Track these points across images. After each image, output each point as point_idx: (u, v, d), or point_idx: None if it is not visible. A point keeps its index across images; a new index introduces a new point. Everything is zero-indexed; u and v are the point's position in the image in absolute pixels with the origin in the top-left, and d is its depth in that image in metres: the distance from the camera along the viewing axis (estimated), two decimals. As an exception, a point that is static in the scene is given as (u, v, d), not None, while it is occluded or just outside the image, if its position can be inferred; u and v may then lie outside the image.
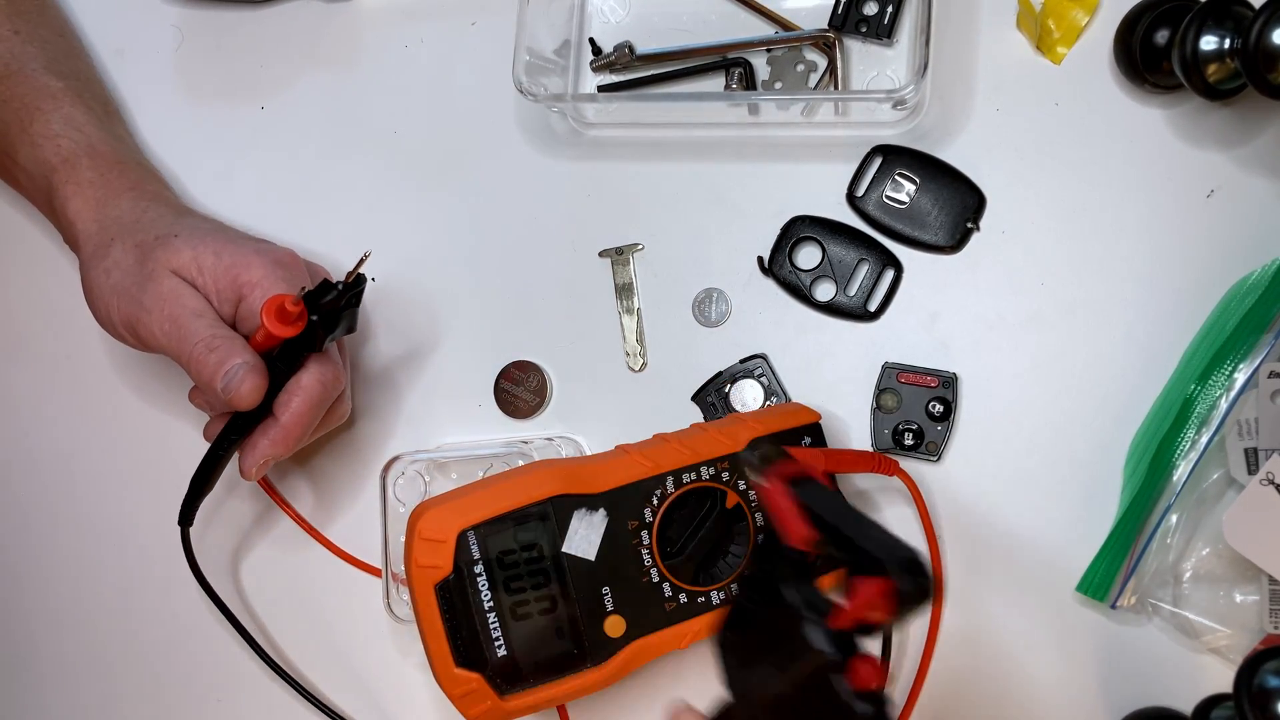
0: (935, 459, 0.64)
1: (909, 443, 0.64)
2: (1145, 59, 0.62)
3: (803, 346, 0.67)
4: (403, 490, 0.66)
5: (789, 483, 0.48)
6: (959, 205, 0.66)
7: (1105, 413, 0.63)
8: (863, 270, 0.66)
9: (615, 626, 0.57)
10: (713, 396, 0.67)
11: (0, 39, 0.69)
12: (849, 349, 0.66)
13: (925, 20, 0.62)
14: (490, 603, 0.56)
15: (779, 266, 0.67)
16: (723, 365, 0.67)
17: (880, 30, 0.66)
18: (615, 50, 0.69)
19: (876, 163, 0.67)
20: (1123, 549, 0.60)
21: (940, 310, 0.66)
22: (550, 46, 0.69)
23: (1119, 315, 0.64)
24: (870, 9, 0.67)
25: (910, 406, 0.65)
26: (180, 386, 0.68)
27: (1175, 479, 0.60)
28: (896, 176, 0.66)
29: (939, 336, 0.65)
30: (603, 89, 0.70)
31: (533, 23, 0.66)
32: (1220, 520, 0.58)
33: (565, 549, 0.57)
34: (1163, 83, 0.63)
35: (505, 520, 0.56)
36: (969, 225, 0.66)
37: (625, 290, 0.69)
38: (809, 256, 0.67)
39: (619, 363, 0.69)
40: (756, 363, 0.67)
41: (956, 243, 0.66)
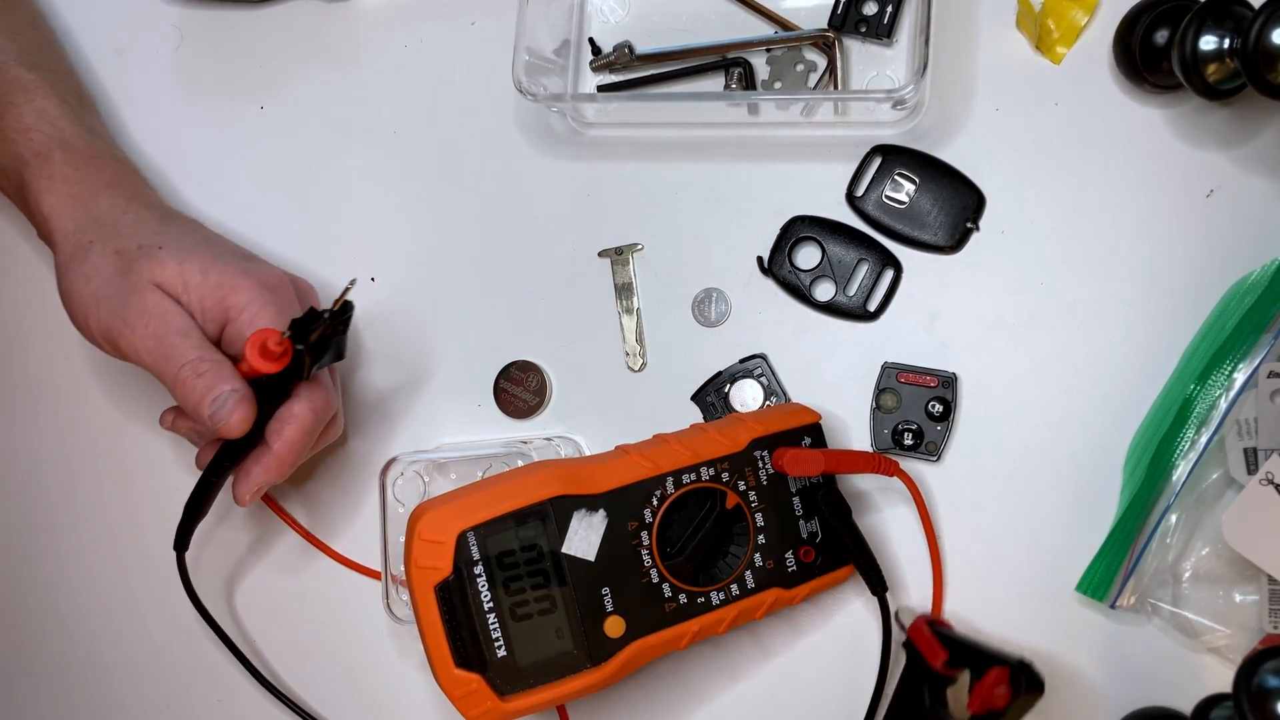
0: (935, 459, 0.64)
1: (909, 443, 0.64)
2: (1145, 59, 0.62)
3: (802, 346, 0.67)
4: (402, 490, 0.66)
5: (927, 624, 0.59)
6: (958, 205, 0.66)
7: (1105, 413, 0.63)
8: (862, 270, 0.66)
9: (615, 627, 0.57)
10: (712, 396, 0.67)
11: None
12: (849, 349, 0.66)
13: (925, 20, 0.62)
14: (490, 603, 0.56)
15: (779, 266, 0.67)
16: (722, 365, 0.67)
17: (880, 30, 0.66)
18: (615, 50, 0.69)
19: (876, 163, 0.67)
20: (1122, 549, 0.60)
21: (940, 310, 0.66)
22: (550, 46, 0.69)
23: (1119, 315, 0.64)
24: (870, 9, 0.67)
25: (910, 406, 0.65)
26: (163, 403, 0.67)
27: (1175, 479, 0.60)
28: (896, 176, 0.66)
29: (939, 336, 0.65)
30: (602, 89, 0.70)
31: (532, 23, 0.66)
32: (1220, 520, 0.58)
33: (565, 550, 0.57)
34: (1162, 83, 0.63)
35: (505, 521, 0.56)
36: (969, 225, 0.66)
37: (625, 290, 0.69)
38: (809, 256, 0.67)
39: (619, 363, 0.69)
40: (756, 363, 0.67)
41: (956, 243, 0.66)
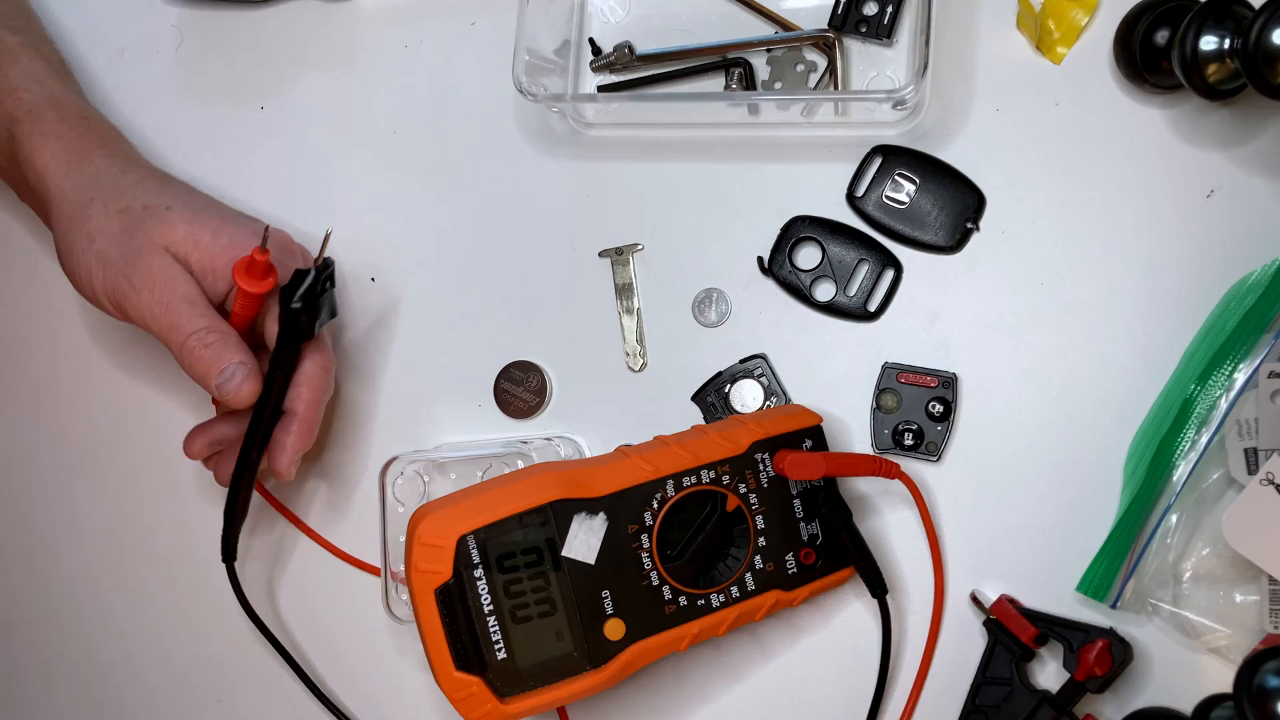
0: (935, 459, 0.64)
1: (909, 443, 0.64)
2: (1145, 59, 0.62)
3: (803, 346, 0.67)
4: (402, 490, 0.66)
5: (1009, 602, 0.61)
6: (959, 205, 0.66)
7: (1105, 413, 0.63)
8: (863, 270, 0.66)
9: (615, 629, 0.57)
10: (712, 397, 0.67)
11: None
12: (849, 349, 0.66)
13: (925, 20, 0.62)
14: (490, 607, 0.56)
15: (779, 266, 0.67)
16: (723, 365, 0.67)
17: (880, 30, 0.66)
18: (615, 50, 0.69)
19: (876, 163, 0.67)
20: (1123, 549, 0.60)
21: (940, 310, 0.66)
22: (550, 46, 0.69)
23: (1119, 315, 0.64)
24: (870, 9, 0.67)
25: (910, 406, 0.65)
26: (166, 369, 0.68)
27: (1175, 479, 0.60)
28: (896, 176, 0.66)
29: (939, 336, 0.65)
30: (602, 89, 0.70)
31: (533, 23, 0.66)
32: (1220, 520, 0.58)
33: (565, 553, 0.57)
34: (1163, 83, 0.63)
35: (505, 525, 0.56)
36: (969, 225, 0.66)
37: (625, 290, 0.69)
38: (809, 256, 0.67)
39: (619, 363, 0.69)
40: (756, 363, 0.67)
41: (956, 243, 0.66)
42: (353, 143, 0.73)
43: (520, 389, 0.69)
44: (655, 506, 0.59)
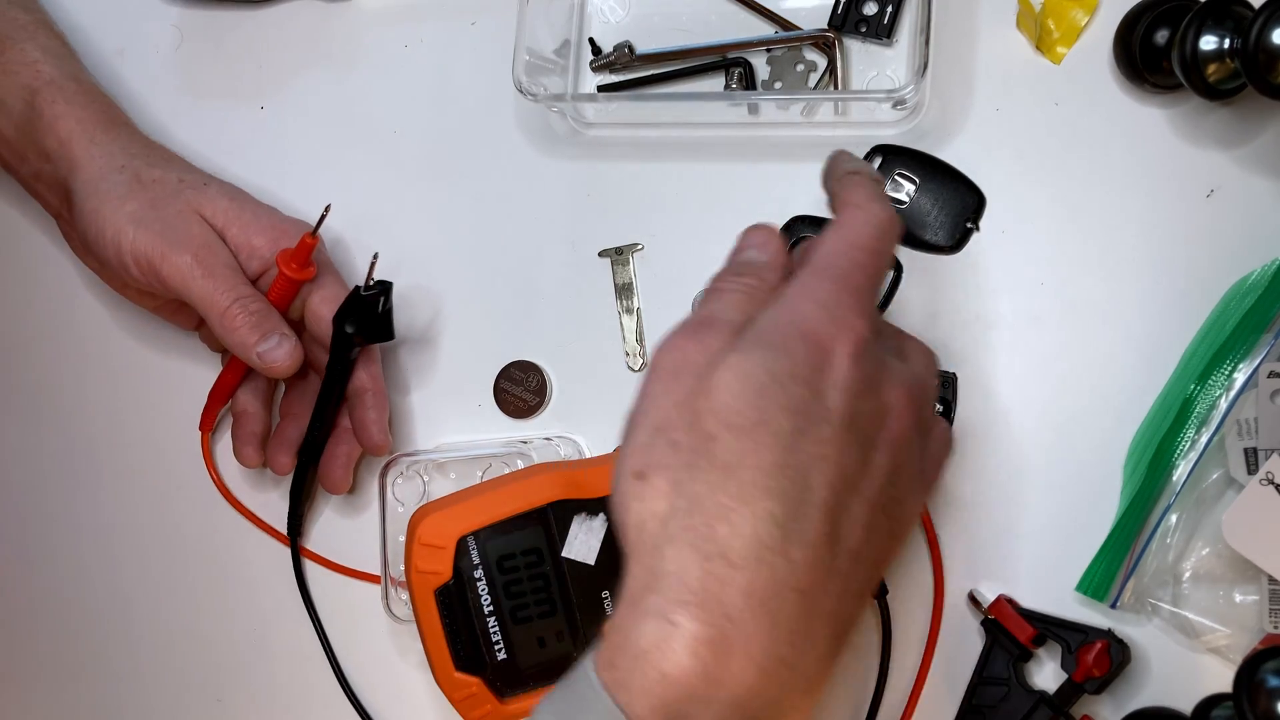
0: (935, 459, 0.64)
1: (909, 443, 0.64)
2: (1145, 59, 0.62)
3: (803, 346, 0.67)
4: (402, 491, 0.66)
5: (1008, 602, 0.61)
6: (959, 205, 0.66)
7: (1105, 413, 0.63)
8: (863, 270, 0.66)
9: None
10: (713, 396, 0.67)
11: None
12: (849, 349, 0.66)
13: (925, 20, 0.62)
14: (490, 607, 0.56)
15: (779, 266, 0.67)
16: (723, 365, 0.67)
17: (880, 30, 0.66)
18: (615, 50, 0.69)
19: (876, 162, 0.66)
20: (1122, 549, 0.60)
21: (940, 310, 0.66)
22: (550, 46, 0.69)
23: (1119, 315, 0.64)
24: (870, 9, 0.67)
25: (910, 406, 0.64)
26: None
27: (1175, 479, 0.60)
28: (896, 176, 0.66)
29: (939, 336, 0.65)
30: (603, 89, 0.70)
31: (533, 23, 0.66)
32: (1220, 520, 0.58)
33: (565, 554, 0.57)
34: (1163, 83, 0.63)
35: (505, 526, 0.56)
36: (969, 225, 0.65)
37: (625, 290, 0.69)
38: (809, 256, 0.67)
39: (619, 363, 0.69)
40: (756, 363, 0.67)
41: (956, 243, 0.66)
42: (353, 143, 0.73)
43: (520, 389, 0.69)
44: None
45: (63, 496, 0.75)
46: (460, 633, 0.56)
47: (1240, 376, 0.59)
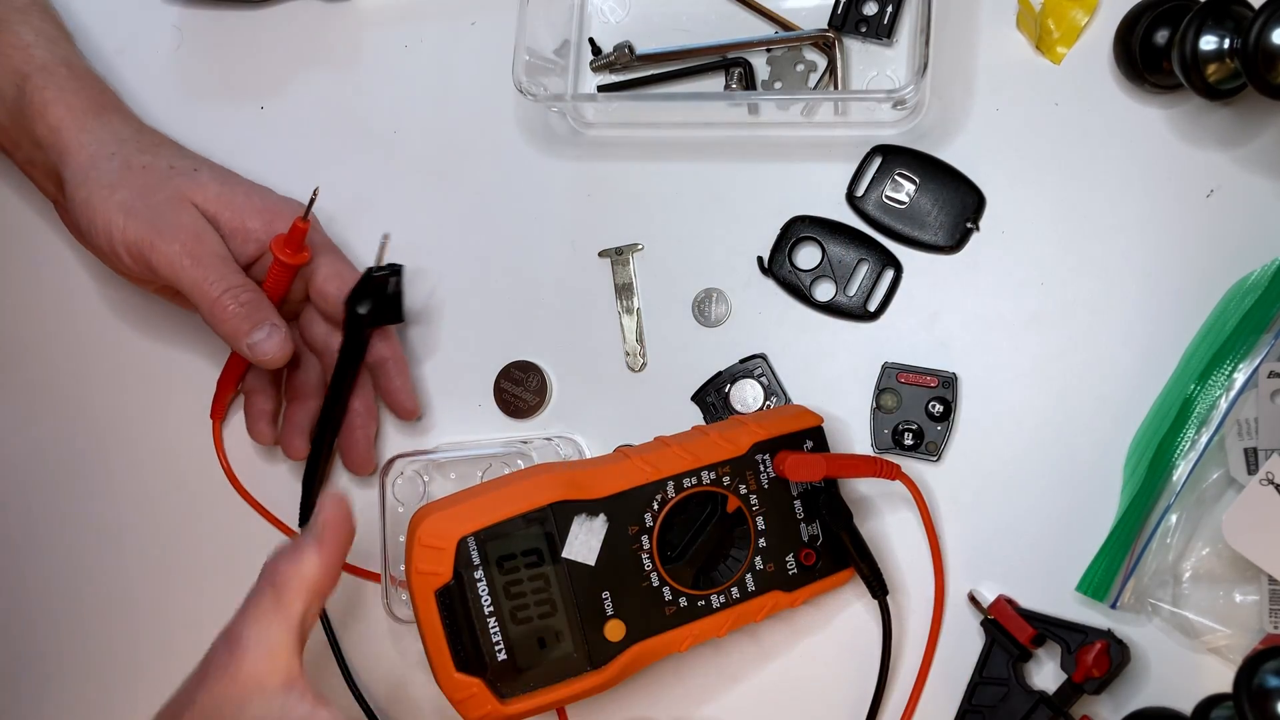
0: (935, 459, 0.64)
1: (909, 443, 0.64)
2: (1145, 59, 0.62)
3: (803, 346, 0.67)
4: (402, 491, 0.66)
5: (1007, 602, 0.62)
6: (959, 205, 0.66)
7: (1105, 413, 0.63)
8: (862, 270, 0.66)
9: (615, 630, 0.57)
10: (712, 397, 0.67)
11: None
12: (849, 349, 0.66)
13: (925, 20, 0.62)
14: (490, 608, 0.56)
15: (779, 266, 0.67)
16: (722, 365, 0.67)
17: (880, 30, 0.66)
18: (615, 50, 0.69)
19: (876, 163, 0.67)
20: (1123, 549, 0.60)
21: (940, 310, 0.66)
22: (550, 46, 0.69)
23: (1119, 315, 0.64)
24: (870, 9, 0.67)
25: (910, 406, 0.65)
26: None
27: (1175, 479, 0.60)
28: (896, 176, 0.66)
29: (939, 336, 0.65)
30: (603, 89, 0.70)
31: (533, 23, 0.66)
32: (1220, 520, 0.58)
33: (565, 554, 0.57)
34: (1163, 83, 0.63)
35: (505, 526, 0.56)
36: (969, 225, 0.66)
37: (625, 290, 0.69)
38: (809, 256, 0.67)
39: (619, 363, 0.69)
40: (756, 363, 0.67)
41: (956, 243, 0.66)
42: (353, 143, 0.73)
43: (520, 389, 0.69)
44: (655, 508, 0.59)
45: (67, 487, 0.74)
46: (461, 633, 0.56)
47: (1240, 376, 0.59)
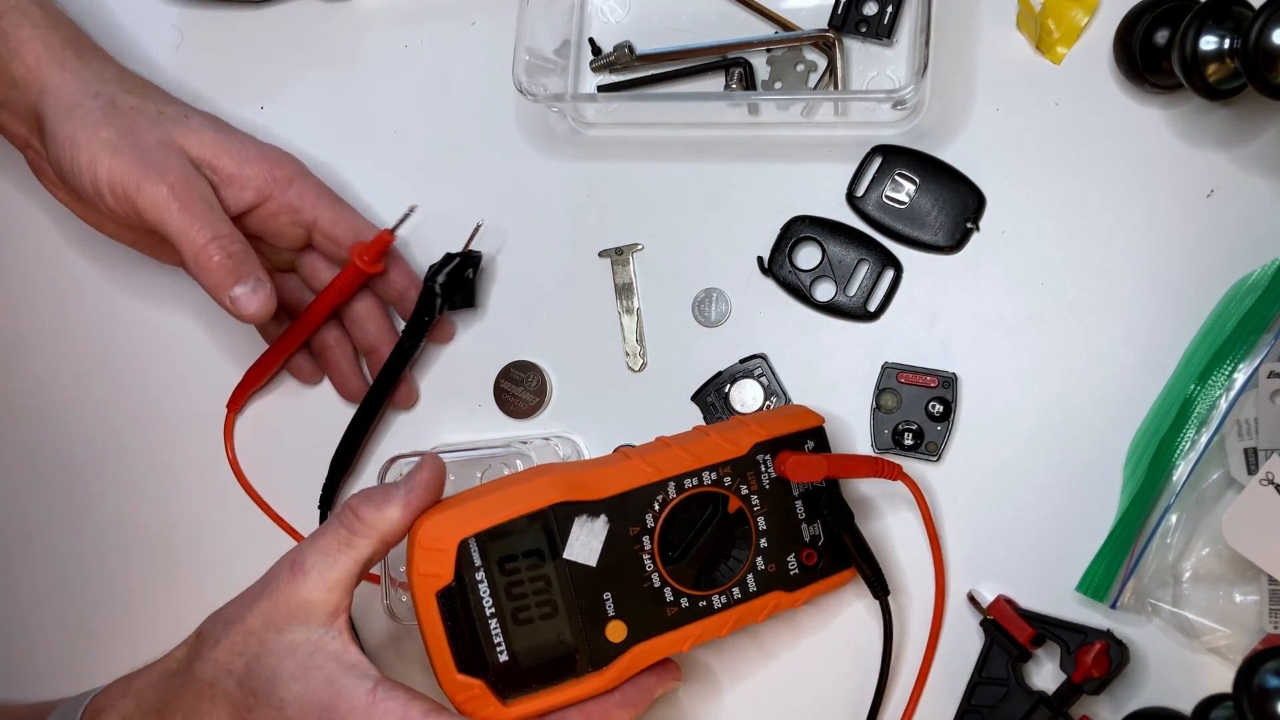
0: (935, 459, 0.64)
1: (909, 443, 0.64)
2: (1145, 59, 0.62)
3: (803, 346, 0.67)
4: (402, 491, 0.66)
5: (1007, 602, 0.62)
6: (959, 205, 0.66)
7: (1105, 413, 0.63)
8: (862, 270, 0.66)
9: (617, 631, 0.57)
10: (712, 396, 0.67)
11: None
12: (849, 349, 0.66)
13: (925, 20, 0.62)
14: (492, 609, 0.56)
15: (779, 266, 0.67)
16: (723, 365, 0.67)
17: (880, 30, 0.66)
18: (615, 50, 0.69)
19: (876, 163, 0.67)
20: (1123, 549, 0.60)
21: (940, 310, 0.66)
22: (550, 46, 0.69)
23: (1119, 315, 0.64)
24: (870, 9, 0.67)
25: (910, 406, 0.65)
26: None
27: (1175, 479, 0.60)
28: (896, 176, 0.66)
29: (939, 336, 0.65)
30: (603, 89, 0.70)
31: (533, 23, 0.66)
32: (1220, 520, 0.58)
33: (566, 555, 0.57)
34: (1163, 83, 0.63)
35: (506, 528, 0.56)
36: (969, 225, 0.66)
37: (625, 290, 0.69)
38: (809, 256, 0.67)
39: (619, 363, 0.69)
40: (756, 363, 0.67)
41: (956, 243, 0.66)
42: (353, 143, 0.73)
43: (520, 389, 0.69)
44: (657, 508, 0.58)
45: (68, 484, 0.74)
46: (462, 635, 0.56)
47: (1240, 376, 0.59)
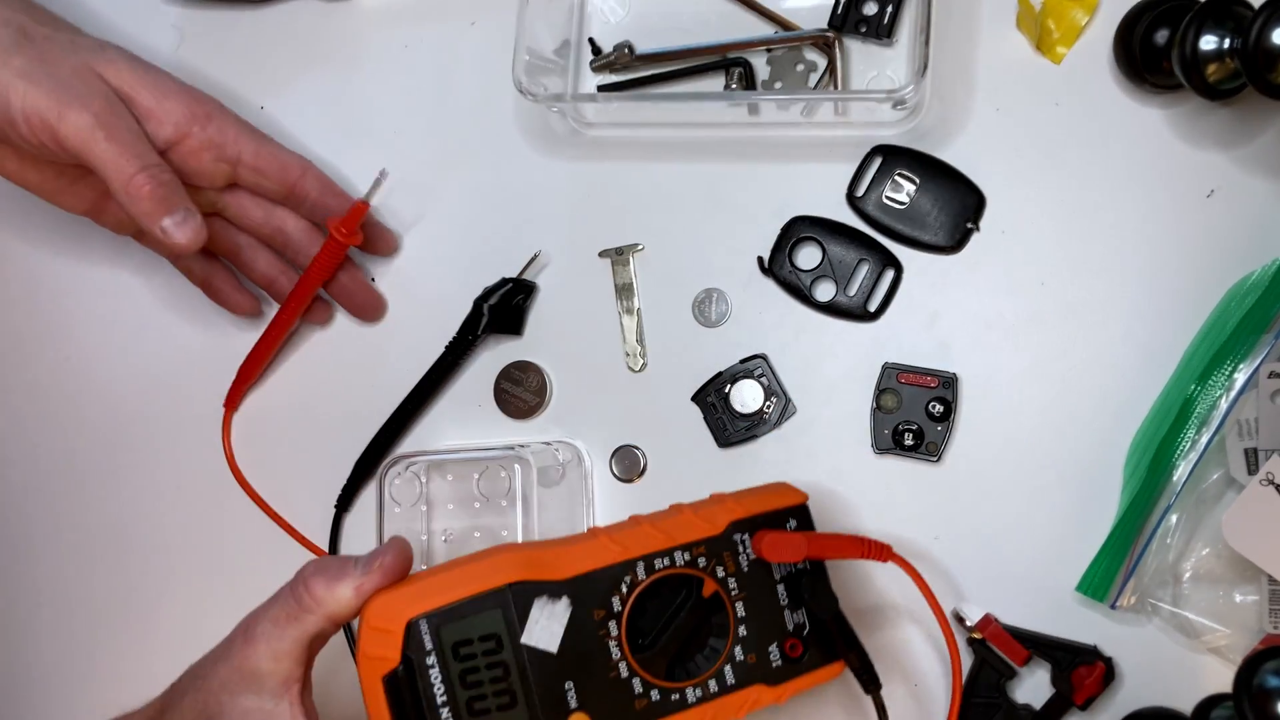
0: (935, 459, 0.64)
1: (909, 443, 0.64)
2: (1145, 59, 0.62)
3: (803, 346, 0.67)
4: (399, 491, 0.66)
5: (996, 622, 0.62)
6: (959, 205, 0.66)
7: (1105, 413, 0.63)
8: (863, 270, 0.66)
9: None
10: (713, 397, 0.67)
11: None
12: (849, 349, 0.66)
13: (925, 20, 0.62)
14: (444, 697, 0.51)
15: (779, 266, 0.67)
16: (723, 365, 0.67)
17: (880, 30, 0.66)
18: (615, 50, 0.69)
19: (876, 163, 0.67)
20: (1123, 549, 0.60)
21: (940, 310, 0.66)
22: (550, 46, 0.69)
23: (1119, 315, 0.64)
24: (870, 9, 0.67)
25: (910, 407, 0.65)
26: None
27: (1175, 479, 0.60)
28: (896, 177, 0.66)
29: (939, 336, 0.65)
30: (603, 89, 0.70)
31: (533, 23, 0.66)
32: (1220, 520, 0.58)
33: (525, 640, 0.52)
34: (1163, 83, 0.63)
35: (460, 608, 0.52)
36: (969, 225, 0.66)
37: (625, 290, 0.69)
38: (809, 257, 0.67)
39: (619, 363, 0.69)
40: (756, 363, 0.67)
41: (956, 243, 0.66)
42: (353, 143, 0.73)
43: (520, 389, 0.69)
44: (624, 590, 0.54)
45: (67, 483, 0.74)
46: None
47: (1240, 377, 0.59)
